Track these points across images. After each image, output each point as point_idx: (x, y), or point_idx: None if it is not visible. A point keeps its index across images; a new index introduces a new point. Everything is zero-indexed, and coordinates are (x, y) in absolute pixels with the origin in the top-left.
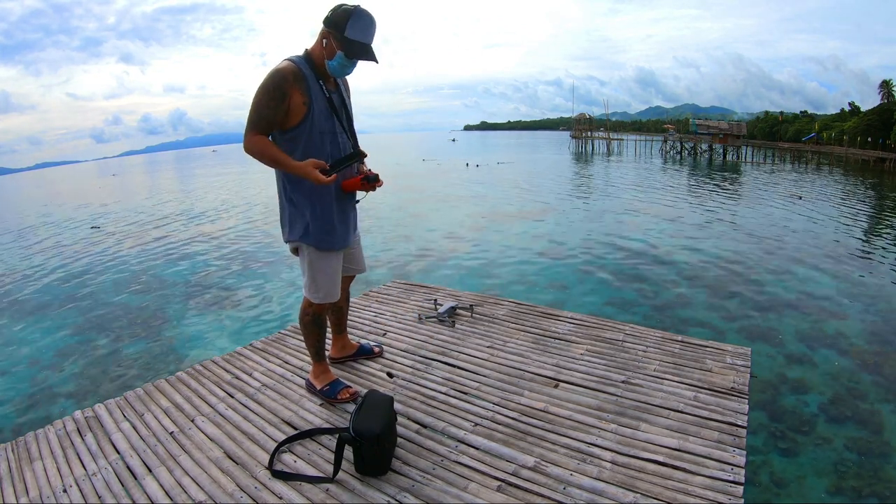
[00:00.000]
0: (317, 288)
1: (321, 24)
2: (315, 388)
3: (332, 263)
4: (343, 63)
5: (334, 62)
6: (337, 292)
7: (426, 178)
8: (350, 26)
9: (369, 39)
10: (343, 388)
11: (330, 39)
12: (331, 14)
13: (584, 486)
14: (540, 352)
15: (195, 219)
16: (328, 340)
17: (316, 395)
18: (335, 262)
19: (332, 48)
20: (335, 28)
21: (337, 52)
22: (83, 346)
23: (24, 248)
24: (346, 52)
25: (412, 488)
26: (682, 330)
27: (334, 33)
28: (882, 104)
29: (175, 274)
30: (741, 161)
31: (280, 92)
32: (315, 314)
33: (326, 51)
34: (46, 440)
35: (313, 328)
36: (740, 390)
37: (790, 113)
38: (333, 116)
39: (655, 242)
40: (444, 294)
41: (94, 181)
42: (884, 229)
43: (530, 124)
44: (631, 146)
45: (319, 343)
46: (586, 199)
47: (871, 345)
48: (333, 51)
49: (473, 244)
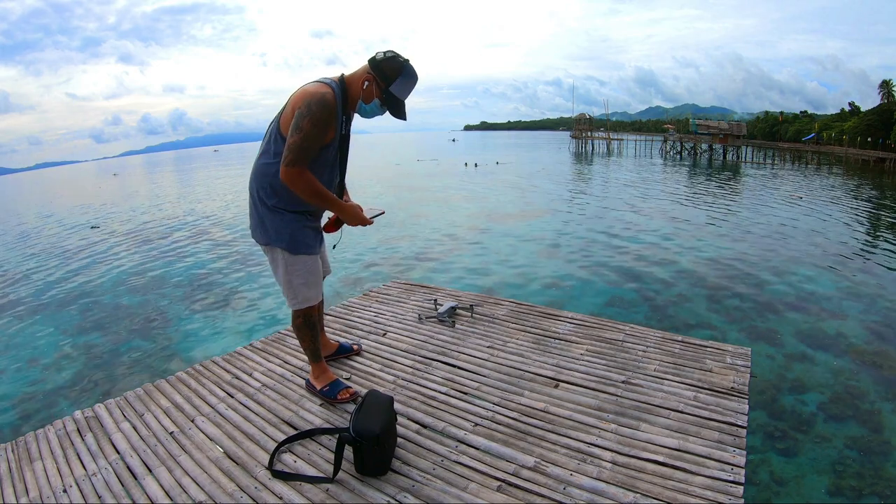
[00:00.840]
0: (295, 293)
1: (367, 62)
2: (315, 389)
3: (308, 265)
4: (376, 111)
5: (369, 108)
6: (318, 292)
7: (426, 178)
8: (398, 83)
9: (406, 97)
10: (343, 389)
11: (373, 85)
12: (382, 62)
13: (584, 486)
14: (540, 352)
15: (195, 219)
16: None
17: (316, 395)
18: (312, 264)
19: (372, 93)
20: (383, 78)
21: (375, 98)
22: (83, 346)
23: (25, 248)
24: (384, 103)
25: (412, 488)
26: (682, 330)
27: (380, 83)
28: (882, 104)
29: (175, 274)
30: (741, 161)
31: (328, 123)
32: (305, 316)
33: (365, 92)
34: (46, 440)
35: (306, 330)
36: (740, 390)
37: (790, 113)
38: (338, 153)
39: (655, 242)
40: (444, 294)
41: (94, 181)
42: (884, 229)
43: (530, 124)
44: (631, 146)
45: (315, 344)
46: (586, 200)
47: (870, 344)
48: (372, 96)
49: (473, 244)
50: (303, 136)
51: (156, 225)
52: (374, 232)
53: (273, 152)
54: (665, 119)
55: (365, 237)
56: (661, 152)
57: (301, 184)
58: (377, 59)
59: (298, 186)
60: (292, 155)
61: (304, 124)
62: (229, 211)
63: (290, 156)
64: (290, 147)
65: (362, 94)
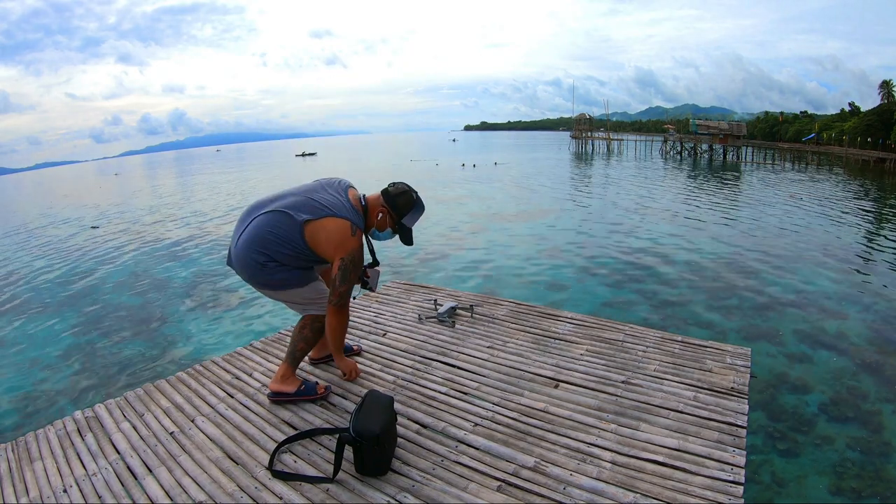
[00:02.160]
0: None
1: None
2: (289, 394)
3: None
4: (387, 237)
5: (383, 234)
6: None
7: (426, 178)
8: (409, 216)
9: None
10: (316, 384)
11: (386, 216)
12: (395, 197)
13: (584, 486)
14: (540, 352)
15: (196, 218)
16: None
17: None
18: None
19: (385, 224)
20: (396, 212)
21: (388, 228)
22: (83, 346)
23: (25, 248)
24: (396, 232)
25: (412, 488)
26: (682, 330)
27: (393, 215)
28: (882, 104)
29: (175, 274)
30: (741, 161)
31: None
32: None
33: (379, 223)
34: (46, 440)
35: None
36: (740, 390)
37: (790, 113)
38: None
39: (655, 242)
40: (444, 294)
41: (96, 181)
42: (884, 229)
43: (530, 124)
44: (631, 146)
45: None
46: (586, 200)
47: (871, 344)
48: (385, 226)
49: (473, 244)
50: (350, 285)
51: (156, 225)
52: None
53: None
54: (665, 119)
55: None
56: (661, 152)
57: (342, 324)
58: (391, 193)
59: (338, 326)
60: (343, 301)
61: (351, 277)
62: (230, 211)
63: (340, 301)
64: (342, 294)
65: (376, 223)
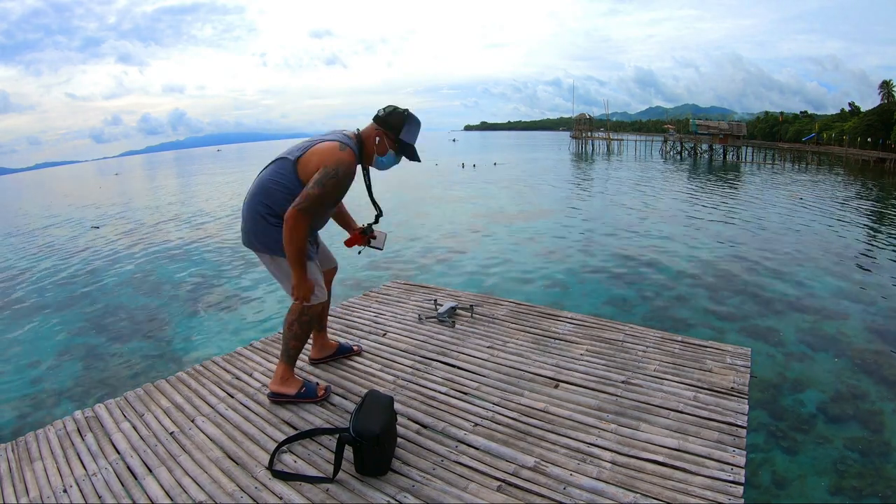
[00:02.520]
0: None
1: (372, 120)
2: (289, 395)
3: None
4: (392, 161)
5: (385, 159)
6: (324, 291)
7: (425, 178)
8: (405, 130)
9: (415, 140)
10: (316, 385)
11: (384, 138)
12: (386, 116)
13: (584, 486)
14: (540, 352)
15: (197, 218)
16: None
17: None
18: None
19: (385, 147)
20: (391, 130)
21: (389, 150)
22: (83, 346)
23: (25, 248)
24: (397, 151)
25: (412, 488)
26: (682, 330)
27: (389, 134)
28: (882, 104)
29: (175, 274)
30: (741, 161)
31: (347, 186)
32: (313, 315)
33: (378, 147)
34: (46, 440)
35: (307, 328)
36: (740, 390)
37: (790, 113)
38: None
39: (655, 242)
40: (444, 294)
41: (97, 180)
42: (884, 229)
43: (530, 124)
44: (631, 146)
45: (302, 346)
46: (587, 200)
47: (871, 344)
48: (385, 149)
49: (473, 244)
50: (323, 193)
51: (157, 225)
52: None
53: (283, 183)
54: (665, 119)
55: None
56: (661, 152)
57: (298, 230)
58: (380, 115)
59: (294, 230)
60: (306, 203)
61: (328, 183)
62: (231, 211)
63: (304, 203)
64: (308, 196)
65: (376, 149)
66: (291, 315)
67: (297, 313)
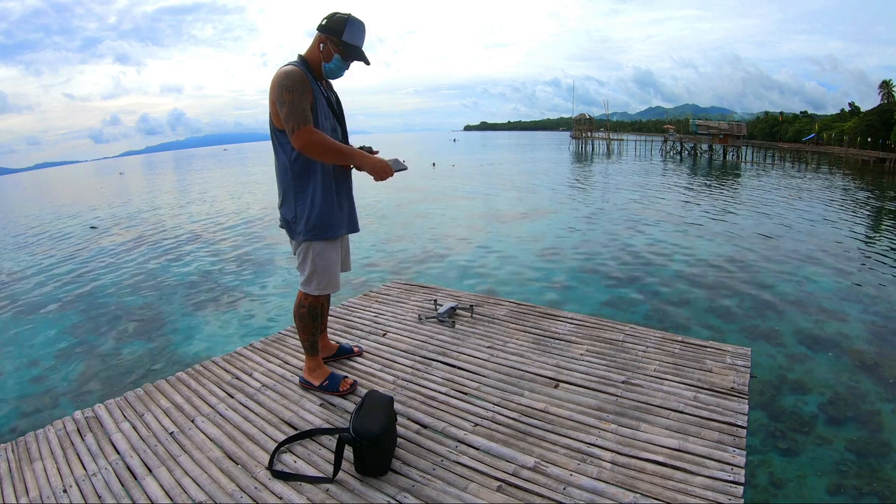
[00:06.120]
0: (317, 279)
1: (316, 30)
2: (314, 385)
3: (331, 254)
4: (339, 65)
5: (331, 64)
6: (337, 283)
7: (425, 179)
8: (347, 31)
9: (362, 43)
10: (343, 379)
11: (327, 44)
12: (326, 22)
13: (584, 487)
14: (540, 352)
15: (196, 219)
16: None
17: (314, 392)
18: (334, 252)
19: (329, 52)
20: (333, 33)
21: (334, 55)
22: (83, 346)
23: (24, 248)
24: (342, 54)
25: (412, 488)
26: (682, 330)
27: (332, 38)
28: (882, 104)
29: (175, 274)
30: (741, 161)
31: (303, 87)
32: (311, 305)
33: (323, 54)
34: (46, 440)
35: (309, 320)
36: (740, 390)
37: (790, 113)
38: (332, 115)
39: (655, 242)
40: (444, 294)
41: (99, 181)
42: (884, 229)
43: (530, 124)
44: (631, 146)
45: (315, 336)
46: (587, 200)
47: (871, 345)
48: (331, 54)
49: (473, 244)
50: (290, 103)
51: (157, 224)
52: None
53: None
54: (665, 119)
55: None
56: (661, 152)
57: (315, 142)
58: (322, 24)
59: (313, 146)
60: (292, 120)
61: (284, 96)
62: (232, 211)
63: (290, 123)
64: (286, 116)
65: (322, 57)
66: (297, 308)
67: (296, 304)
